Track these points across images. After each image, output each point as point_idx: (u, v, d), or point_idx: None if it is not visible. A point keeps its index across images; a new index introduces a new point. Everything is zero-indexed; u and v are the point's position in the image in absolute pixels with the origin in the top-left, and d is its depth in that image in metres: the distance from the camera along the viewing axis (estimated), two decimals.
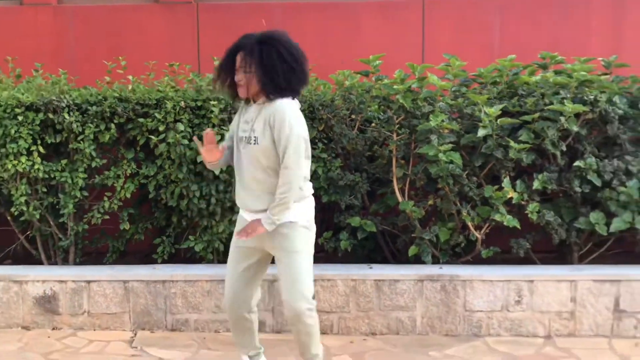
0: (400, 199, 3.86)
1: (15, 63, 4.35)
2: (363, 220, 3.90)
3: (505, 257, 4.00)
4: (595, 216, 3.75)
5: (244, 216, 2.85)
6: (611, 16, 4.90)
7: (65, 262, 4.08)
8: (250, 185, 2.74)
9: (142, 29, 4.89)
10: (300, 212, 2.75)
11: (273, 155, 2.67)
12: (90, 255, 4.25)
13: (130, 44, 4.82)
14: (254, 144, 2.68)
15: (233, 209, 3.90)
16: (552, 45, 4.64)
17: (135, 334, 3.68)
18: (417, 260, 3.87)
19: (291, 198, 2.67)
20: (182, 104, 3.84)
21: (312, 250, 2.82)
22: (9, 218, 4.07)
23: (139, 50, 4.74)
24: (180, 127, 3.79)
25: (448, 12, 4.92)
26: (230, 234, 3.95)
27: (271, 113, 2.65)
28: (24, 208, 3.88)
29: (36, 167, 3.82)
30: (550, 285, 3.62)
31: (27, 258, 4.22)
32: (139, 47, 4.79)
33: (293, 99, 2.72)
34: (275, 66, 2.63)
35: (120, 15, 4.90)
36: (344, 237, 3.92)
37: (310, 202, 2.82)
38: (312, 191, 2.85)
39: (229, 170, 3.81)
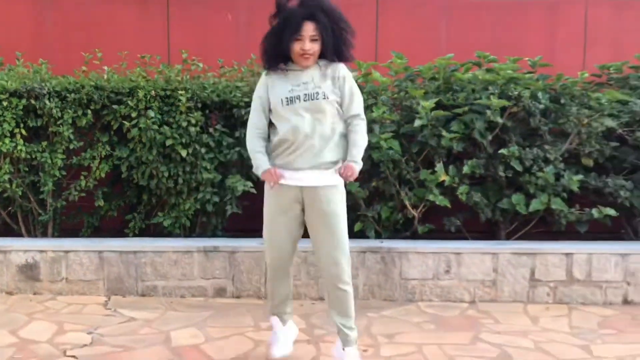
0: None
1: None
2: None
3: (441, 235, 4.47)
4: (516, 198, 4.25)
5: (295, 180, 2.88)
6: (545, 17, 5.40)
7: (44, 236, 4.46)
8: (313, 142, 2.84)
9: (115, 20, 5.21)
10: (339, 178, 2.94)
11: (337, 110, 2.87)
12: (67, 231, 4.56)
13: (104, 35, 5.12)
14: (324, 98, 2.82)
15: (198, 189, 4.31)
16: (493, 44, 5.09)
17: (109, 299, 4.10)
18: (362, 235, 4.35)
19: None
20: (153, 92, 4.22)
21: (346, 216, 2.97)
22: None
23: (112, 41, 5.01)
24: (151, 113, 4.19)
25: (400, 11, 5.35)
26: (196, 211, 4.38)
27: (336, 69, 2.87)
28: (7, 185, 4.24)
29: (19, 148, 4.17)
30: (476, 257, 4.14)
31: (8, 232, 4.52)
32: (112, 38, 5.09)
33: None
34: (343, 33, 2.85)
35: (94, 7, 5.21)
36: None
37: None
38: None
39: (195, 153, 4.25)
